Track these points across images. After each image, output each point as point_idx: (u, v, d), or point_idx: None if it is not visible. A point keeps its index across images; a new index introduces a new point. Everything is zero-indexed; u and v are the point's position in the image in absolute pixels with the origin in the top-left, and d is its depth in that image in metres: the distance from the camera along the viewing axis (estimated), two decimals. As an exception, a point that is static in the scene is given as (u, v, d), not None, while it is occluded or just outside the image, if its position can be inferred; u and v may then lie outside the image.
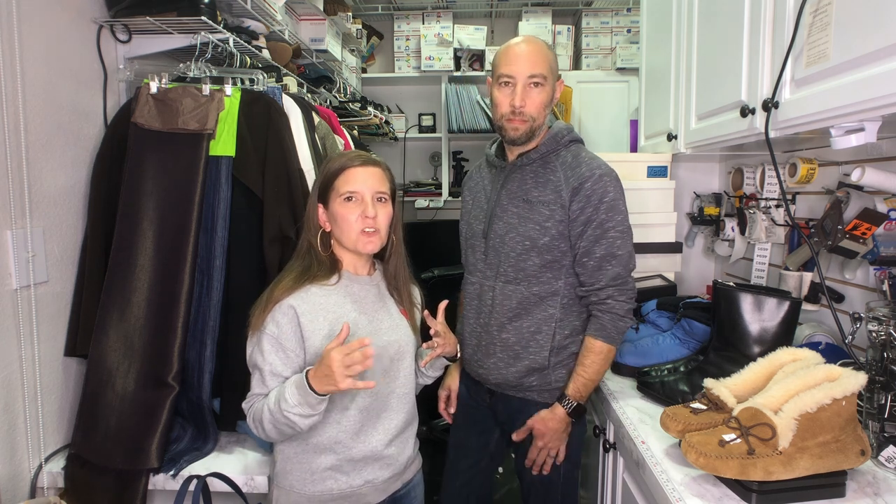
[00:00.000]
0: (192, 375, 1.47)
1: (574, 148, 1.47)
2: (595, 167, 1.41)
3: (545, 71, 1.39)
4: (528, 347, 1.46)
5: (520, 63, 1.38)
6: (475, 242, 1.55)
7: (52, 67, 1.43)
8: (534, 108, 1.40)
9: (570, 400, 1.43)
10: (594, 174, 1.40)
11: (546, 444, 1.46)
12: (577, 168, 1.41)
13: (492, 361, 1.50)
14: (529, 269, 1.44)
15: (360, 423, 1.25)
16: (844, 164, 1.52)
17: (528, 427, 1.47)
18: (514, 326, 1.47)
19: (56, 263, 1.46)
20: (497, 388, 1.54)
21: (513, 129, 1.41)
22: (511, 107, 1.39)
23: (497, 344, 1.48)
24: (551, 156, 1.45)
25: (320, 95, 2.44)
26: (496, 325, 1.48)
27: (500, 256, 1.47)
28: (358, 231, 1.23)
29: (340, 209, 1.23)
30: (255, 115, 1.56)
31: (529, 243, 1.43)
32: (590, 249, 1.41)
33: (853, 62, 1.01)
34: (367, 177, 1.24)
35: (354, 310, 1.26)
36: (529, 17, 3.53)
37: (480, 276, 1.54)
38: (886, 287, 1.34)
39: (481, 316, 1.52)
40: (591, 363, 1.43)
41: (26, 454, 1.38)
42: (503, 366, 1.49)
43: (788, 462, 0.98)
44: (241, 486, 1.39)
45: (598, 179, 1.39)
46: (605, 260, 1.41)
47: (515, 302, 1.46)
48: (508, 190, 1.48)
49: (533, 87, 1.39)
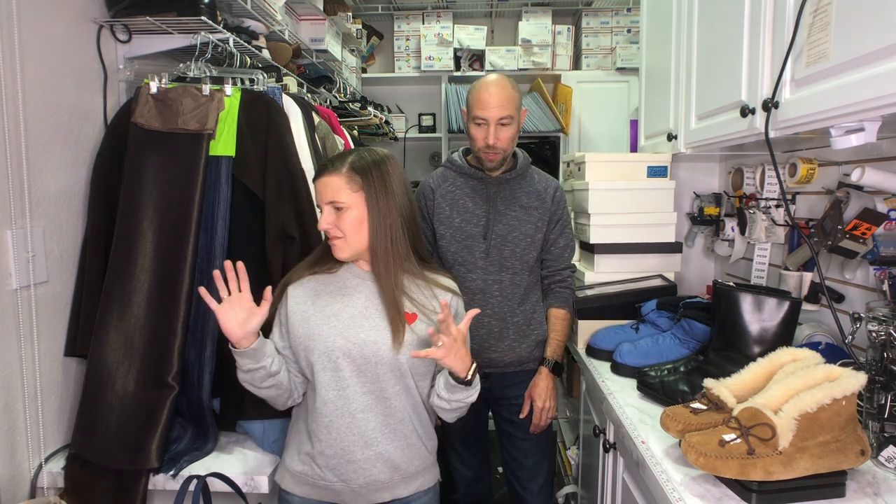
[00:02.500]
0: (192, 375, 1.47)
1: (533, 167, 1.87)
2: (554, 180, 1.87)
3: (512, 111, 1.66)
4: (531, 325, 1.79)
5: (490, 108, 1.64)
6: (472, 243, 1.74)
7: (52, 67, 1.43)
8: (504, 143, 1.69)
9: (550, 360, 1.78)
10: (558, 185, 1.85)
11: (544, 404, 1.75)
12: (547, 181, 1.84)
13: (506, 344, 1.76)
14: (530, 260, 1.78)
15: (326, 416, 1.26)
16: (844, 164, 1.52)
17: (527, 399, 1.77)
18: (521, 310, 1.77)
19: (56, 263, 1.46)
20: (505, 367, 1.79)
21: (489, 161, 1.72)
22: (485, 142, 1.67)
23: (510, 327, 1.76)
24: (525, 173, 1.82)
25: (320, 95, 2.44)
26: (508, 311, 1.76)
27: (504, 252, 1.74)
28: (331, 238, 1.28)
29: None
30: (255, 115, 1.56)
31: (530, 240, 1.76)
32: (556, 240, 1.83)
33: (853, 62, 1.01)
34: (323, 188, 1.27)
35: (341, 301, 1.29)
36: (529, 17, 3.52)
37: (482, 272, 1.75)
38: (886, 287, 1.34)
39: (488, 306, 1.74)
40: (562, 328, 1.82)
41: (26, 454, 1.38)
42: (516, 345, 1.77)
43: (788, 462, 0.98)
44: (241, 486, 1.39)
45: (560, 188, 1.85)
46: (566, 249, 1.85)
47: (522, 289, 1.77)
48: (503, 198, 1.77)
49: (501, 126, 1.66)
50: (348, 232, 1.26)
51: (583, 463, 2.04)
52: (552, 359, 1.78)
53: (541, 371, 1.77)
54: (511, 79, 1.70)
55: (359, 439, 1.25)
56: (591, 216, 2.01)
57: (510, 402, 1.81)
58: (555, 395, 1.78)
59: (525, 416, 1.77)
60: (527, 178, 1.81)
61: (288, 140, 1.57)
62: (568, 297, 1.84)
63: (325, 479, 1.27)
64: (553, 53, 3.56)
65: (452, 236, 1.75)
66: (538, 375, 1.77)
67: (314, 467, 1.28)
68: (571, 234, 1.87)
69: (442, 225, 1.76)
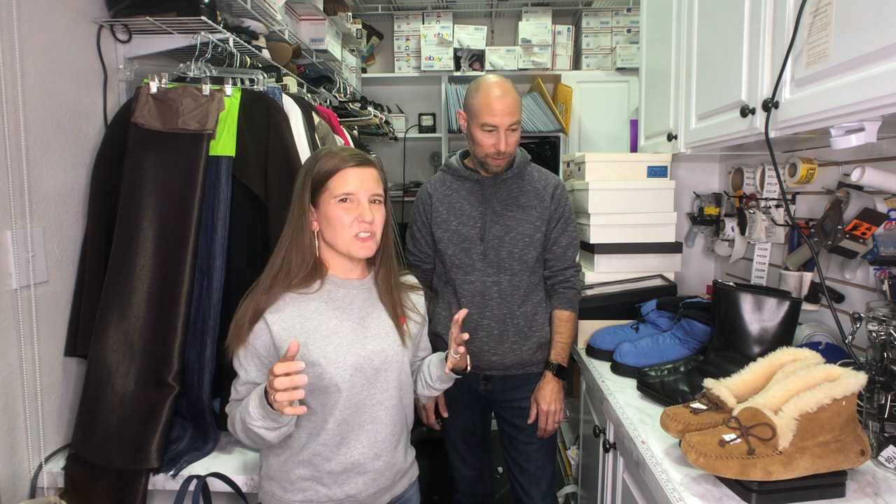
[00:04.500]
0: (192, 375, 1.47)
1: (532, 165, 1.81)
2: (555, 177, 1.81)
3: (519, 116, 1.65)
4: (533, 327, 1.74)
5: (502, 115, 1.61)
6: (469, 246, 1.73)
7: (52, 67, 1.43)
8: (512, 148, 1.68)
9: (554, 364, 1.73)
10: (559, 182, 1.79)
11: (549, 407, 1.72)
12: (547, 179, 1.79)
13: (506, 346, 1.73)
14: (530, 260, 1.73)
15: (339, 435, 1.20)
16: (844, 164, 1.52)
17: (533, 403, 1.74)
18: (521, 312, 1.73)
19: (56, 263, 1.46)
20: (505, 370, 1.76)
21: (496, 166, 1.68)
22: (496, 148, 1.64)
23: (510, 329, 1.72)
24: (523, 171, 1.77)
25: (320, 95, 2.44)
26: (508, 313, 1.72)
27: (502, 254, 1.71)
28: (352, 235, 1.19)
29: (335, 211, 1.19)
30: (255, 115, 1.56)
31: (528, 239, 1.72)
32: (558, 239, 1.77)
33: (853, 62, 1.01)
34: (364, 178, 1.20)
35: (335, 317, 1.21)
36: (529, 17, 3.52)
37: (480, 273, 1.72)
38: (886, 287, 1.34)
39: (487, 308, 1.72)
40: (566, 329, 1.76)
41: (26, 454, 1.38)
42: (517, 348, 1.73)
43: (788, 462, 0.98)
44: (241, 486, 1.39)
45: (561, 186, 1.79)
46: (568, 247, 1.79)
47: (522, 290, 1.73)
48: (499, 199, 1.74)
49: (511, 132, 1.65)
50: (378, 230, 1.23)
51: (583, 463, 2.04)
52: (556, 362, 1.73)
53: (545, 375, 1.74)
54: (509, 80, 1.68)
55: (369, 451, 1.22)
56: (591, 216, 2.01)
57: (512, 405, 1.79)
58: (561, 398, 1.75)
59: (532, 421, 1.75)
60: (525, 177, 1.77)
61: (288, 140, 1.57)
62: (572, 297, 1.78)
63: (333, 497, 1.21)
64: (553, 53, 3.55)
65: (450, 240, 1.74)
66: (543, 379, 1.74)
67: (318, 489, 1.21)
68: (575, 232, 1.81)
69: (440, 229, 1.75)
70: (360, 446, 1.21)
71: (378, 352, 1.23)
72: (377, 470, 1.24)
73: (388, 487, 1.28)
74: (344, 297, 1.24)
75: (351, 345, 1.20)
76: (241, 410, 1.14)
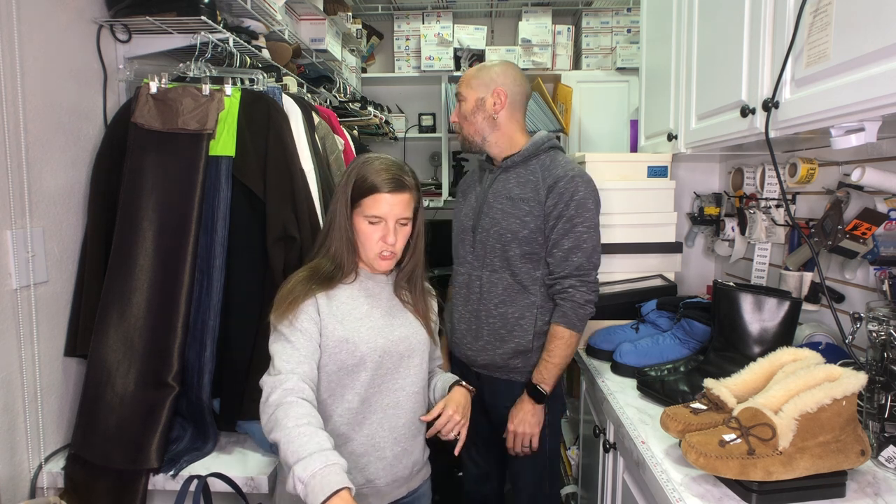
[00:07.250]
0: (192, 375, 1.47)
1: (553, 153, 1.63)
2: (569, 169, 1.57)
3: (463, 90, 1.64)
4: (513, 332, 1.61)
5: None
6: (464, 237, 1.71)
7: (51, 67, 1.43)
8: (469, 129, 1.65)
9: (535, 385, 1.57)
10: (567, 175, 1.55)
11: (515, 428, 1.60)
12: (553, 169, 1.58)
13: (480, 344, 1.65)
14: (512, 258, 1.59)
15: (361, 413, 1.25)
16: (844, 164, 1.52)
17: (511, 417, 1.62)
18: (499, 312, 1.61)
19: (56, 263, 1.46)
20: (484, 369, 1.68)
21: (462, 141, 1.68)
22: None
23: (485, 328, 1.63)
24: (532, 159, 1.62)
25: (320, 95, 2.44)
26: (484, 311, 1.63)
27: (486, 248, 1.62)
28: (376, 252, 1.27)
29: (363, 227, 1.26)
30: (255, 115, 1.56)
31: (511, 235, 1.58)
32: (559, 241, 1.56)
33: (853, 62, 1.01)
34: (395, 203, 1.25)
35: (367, 303, 1.30)
36: (529, 17, 3.52)
37: (469, 266, 1.69)
38: (886, 287, 1.34)
39: (469, 303, 1.67)
40: (555, 348, 1.56)
41: (26, 454, 1.38)
42: (490, 348, 1.63)
43: (788, 462, 0.98)
44: (241, 486, 1.39)
45: (570, 180, 1.55)
46: (572, 252, 1.55)
47: (501, 289, 1.61)
48: (495, 189, 1.64)
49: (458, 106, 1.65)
50: (399, 249, 1.29)
51: (583, 463, 2.04)
52: (537, 383, 1.57)
53: (521, 397, 1.61)
54: None
55: (389, 435, 1.28)
56: (592, 216, 2.00)
57: (499, 411, 1.67)
58: (534, 423, 1.59)
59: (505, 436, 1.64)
60: (529, 166, 1.60)
61: (288, 140, 1.57)
62: (568, 312, 1.54)
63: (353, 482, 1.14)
64: (553, 53, 3.55)
65: (455, 228, 1.75)
66: (518, 399, 1.61)
67: None
68: (587, 234, 1.55)
69: (454, 217, 1.78)
70: (381, 429, 1.27)
71: (404, 338, 1.30)
72: (395, 455, 1.28)
73: (405, 478, 1.32)
74: (374, 287, 1.33)
75: (381, 328, 1.28)
76: (295, 441, 1.03)
